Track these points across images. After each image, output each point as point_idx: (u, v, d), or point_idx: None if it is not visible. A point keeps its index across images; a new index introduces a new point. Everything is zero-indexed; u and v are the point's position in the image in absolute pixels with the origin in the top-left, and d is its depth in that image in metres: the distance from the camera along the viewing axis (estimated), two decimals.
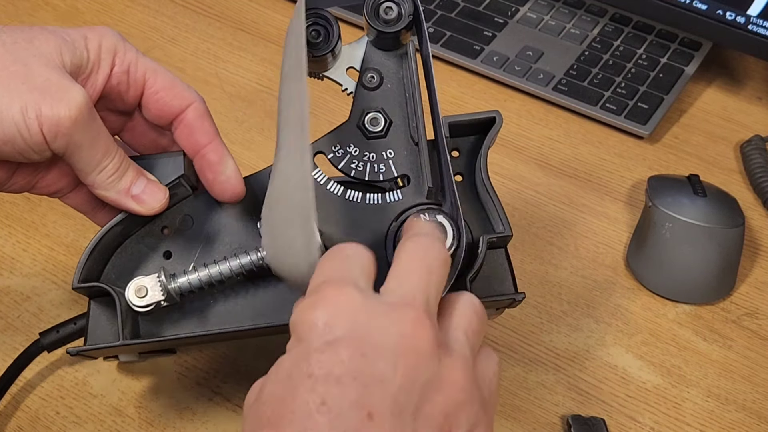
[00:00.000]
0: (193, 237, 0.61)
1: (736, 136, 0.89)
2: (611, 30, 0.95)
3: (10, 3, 0.93)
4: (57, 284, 0.72)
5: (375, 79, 0.61)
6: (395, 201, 0.60)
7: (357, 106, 0.61)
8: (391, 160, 0.61)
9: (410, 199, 0.61)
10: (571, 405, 0.69)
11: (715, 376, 0.71)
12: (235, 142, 0.83)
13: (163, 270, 0.58)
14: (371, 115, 0.61)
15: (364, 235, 0.60)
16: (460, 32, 0.93)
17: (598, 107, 0.88)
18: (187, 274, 0.58)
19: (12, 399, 0.66)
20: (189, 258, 0.61)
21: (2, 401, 0.66)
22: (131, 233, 0.60)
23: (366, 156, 0.61)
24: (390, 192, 0.60)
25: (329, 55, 0.60)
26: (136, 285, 0.58)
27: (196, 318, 0.60)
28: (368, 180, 0.61)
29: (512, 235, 0.60)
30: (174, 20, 0.93)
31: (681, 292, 0.75)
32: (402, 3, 0.59)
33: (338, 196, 0.60)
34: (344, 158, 0.61)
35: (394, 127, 0.61)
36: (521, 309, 0.74)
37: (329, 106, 0.87)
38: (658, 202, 0.75)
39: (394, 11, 0.60)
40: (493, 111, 0.61)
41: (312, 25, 0.59)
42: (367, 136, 0.61)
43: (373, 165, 0.61)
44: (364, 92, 0.61)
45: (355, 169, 0.61)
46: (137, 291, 0.58)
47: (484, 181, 0.61)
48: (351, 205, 0.60)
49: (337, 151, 0.61)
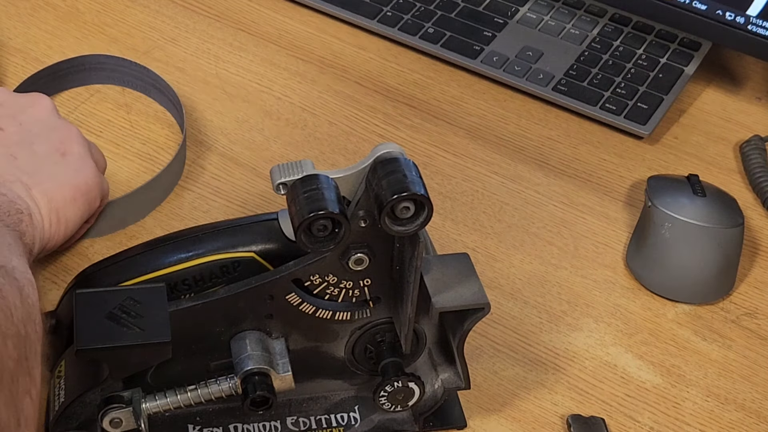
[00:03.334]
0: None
1: (736, 136, 0.89)
2: (611, 30, 0.95)
3: (11, 3, 0.93)
4: (57, 284, 0.72)
5: (366, 222, 0.57)
6: (362, 318, 0.62)
7: (344, 240, 0.57)
8: (367, 287, 0.61)
9: (377, 315, 0.62)
10: (571, 405, 0.69)
11: (715, 376, 0.71)
12: (235, 142, 0.83)
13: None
14: (357, 256, 0.58)
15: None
16: (460, 32, 0.93)
17: (597, 107, 0.88)
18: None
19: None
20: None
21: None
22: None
23: (343, 284, 0.60)
24: (359, 310, 0.62)
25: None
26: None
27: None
28: (340, 302, 0.61)
29: (468, 387, 0.64)
30: (174, 20, 0.94)
31: (680, 291, 0.76)
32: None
33: (309, 315, 0.61)
34: (320, 286, 0.60)
35: (376, 261, 0.59)
36: (521, 309, 0.74)
37: (329, 106, 0.87)
38: (658, 202, 0.76)
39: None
40: (484, 303, 0.60)
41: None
42: (348, 270, 0.59)
43: (348, 291, 0.61)
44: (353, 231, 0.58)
45: (330, 294, 0.60)
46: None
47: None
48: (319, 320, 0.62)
49: (315, 280, 0.60)
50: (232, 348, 0.61)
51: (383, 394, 0.63)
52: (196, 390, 0.61)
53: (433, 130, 0.86)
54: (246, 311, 0.60)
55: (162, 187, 0.78)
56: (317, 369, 0.65)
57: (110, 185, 0.78)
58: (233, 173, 0.81)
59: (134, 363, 0.58)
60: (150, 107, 0.85)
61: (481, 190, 0.82)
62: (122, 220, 0.76)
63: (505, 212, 0.81)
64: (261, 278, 0.59)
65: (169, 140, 0.83)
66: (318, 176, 0.56)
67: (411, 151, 0.84)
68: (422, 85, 0.90)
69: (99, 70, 0.86)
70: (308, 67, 0.91)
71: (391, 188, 0.54)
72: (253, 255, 0.61)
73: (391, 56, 0.93)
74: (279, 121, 0.86)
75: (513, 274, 0.76)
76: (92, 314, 0.58)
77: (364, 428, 0.66)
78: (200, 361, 0.61)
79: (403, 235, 0.56)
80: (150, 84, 0.85)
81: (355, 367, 0.65)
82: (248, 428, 0.65)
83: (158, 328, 0.57)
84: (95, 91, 0.86)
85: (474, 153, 0.85)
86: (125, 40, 0.91)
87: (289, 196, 0.56)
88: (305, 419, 0.65)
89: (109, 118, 0.84)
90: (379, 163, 0.55)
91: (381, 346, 0.63)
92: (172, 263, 0.61)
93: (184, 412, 0.63)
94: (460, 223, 0.79)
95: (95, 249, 0.75)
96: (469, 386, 0.64)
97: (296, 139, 0.84)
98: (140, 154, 0.82)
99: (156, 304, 0.58)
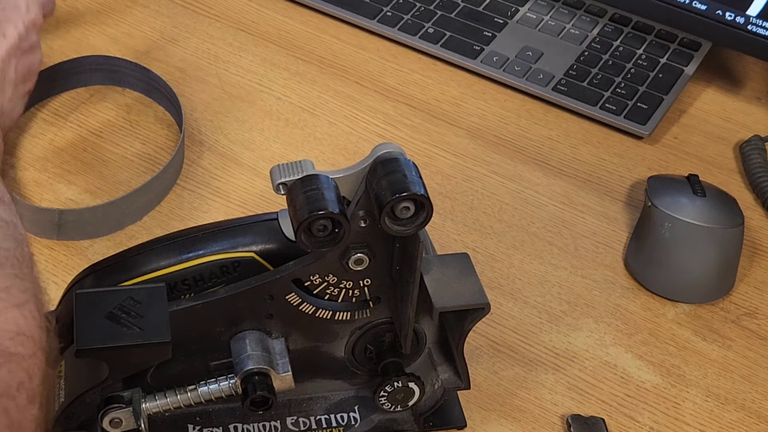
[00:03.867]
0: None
1: (736, 136, 0.89)
2: (611, 30, 0.95)
3: None
4: (57, 284, 0.72)
5: (366, 222, 0.57)
6: (362, 318, 0.62)
7: (344, 240, 0.57)
8: (367, 287, 0.61)
9: (377, 315, 0.62)
10: (571, 405, 0.69)
11: (715, 376, 0.71)
12: (236, 142, 0.83)
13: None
14: (357, 256, 0.58)
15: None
16: (460, 32, 0.93)
17: (597, 107, 0.88)
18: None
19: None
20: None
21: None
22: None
23: (343, 284, 0.60)
24: (359, 310, 0.62)
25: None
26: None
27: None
28: (340, 302, 0.61)
29: (468, 387, 0.64)
30: (174, 20, 0.94)
31: (680, 291, 0.76)
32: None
33: (309, 315, 0.61)
34: (320, 286, 0.60)
35: (376, 261, 0.59)
36: (521, 309, 0.74)
37: (329, 106, 0.87)
38: (658, 202, 0.76)
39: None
40: (484, 302, 0.60)
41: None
42: (348, 270, 0.59)
43: (348, 291, 0.61)
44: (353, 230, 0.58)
45: (330, 294, 0.61)
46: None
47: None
48: (320, 320, 0.62)
49: (315, 280, 0.60)
50: (232, 348, 0.61)
51: (383, 394, 0.63)
52: (196, 390, 0.61)
53: (433, 130, 0.86)
54: (246, 311, 0.60)
55: (161, 187, 0.78)
56: (317, 369, 0.65)
57: (110, 185, 0.79)
58: (233, 173, 0.81)
59: (134, 363, 0.58)
60: (150, 107, 0.85)
61: (481, 190, 0.82)
62: (122, 220, 0.76)
63: (505, 212, 0.81)
64: (261, 278, 0.59)
65: (169, 140, 0.83)
66: (318, 176, 0.56)
67: (411, 151, 0.84)
68: (422, 85, 0.90)
69: (99, 70, 0.86)
70: (308, 67, 0.91)
71: (391, 188, 0.54)
72: (253, 255, 0.61)
73: (391, 56, 0.93)
74: (279, 121, 0.86)
75: (513, 274, 0.76)
76: (92, 314, 0.58)
77: (364, 428, 0.66)
78: (200, 361, 0.61)
79: (403, 235, 0.56)
80: (150, 84, 0.85)
81: (355, 367, 0.65)
82: (248, 428, 0.65)
83: (158, 328, 0.57)
84: (95, 91, 0.86)
85: (474, 153, 0.85)
86: (125, 40, 0.91)
87: (289, 196, 0.56)
88: (305, 419, 0.65)
89: (109, 118, 0.84)
90: (379, 163, 0.55)
91: (381, 346, 0.63)
92: (172, 263, 0.61)
93: (184, 412, 0.63)
94: (460, 223, 0.79)
95: (95, 249, 0.75)
96: (468, 386, 0.64)
97: (296, 139, 0.84)
98: (140, 154, 0.82)
99: (156, 304, 0.58)
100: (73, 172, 0.80)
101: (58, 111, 0.84)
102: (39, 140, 0.82)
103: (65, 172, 0.80)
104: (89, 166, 0.80)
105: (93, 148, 0.82)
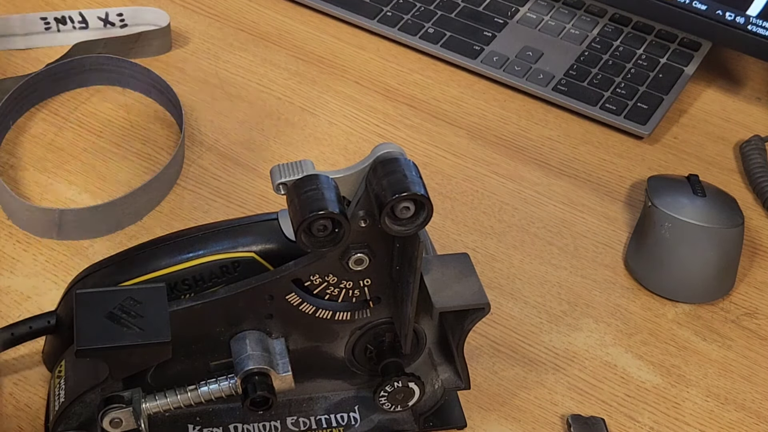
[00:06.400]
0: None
1: (736, 136, 0.89)
2: (611, 30, 0.95)
3: (11, 3, 0.93)
4: (57, 284, 0.72)
5: (366, 222, 0.57)
6: (362, 318, 0.62)
7: (344, 240, 0.57)
8: (367, 287, 0.61)
9: (377, 315, 0.62)
10: (571, 405, 0.69)
11: (715, 376, 0.72)
12: (236, 143, 0.83)
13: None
14: (357, 256, 0.58)
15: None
16: (460, 32, 0.93)
17: (597, 107, 0.88)
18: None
19: (11, 398, 0.67)
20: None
21: (2, 401, 0.66)
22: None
23: (343, 284, 0.60)
24: (359, 310, 0.62)
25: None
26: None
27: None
28: (340, 302, 0.61)
29: (468, 387, 0.64)
30: (174, 20, 0.93)
31: (680, 291, 0.76)
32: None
33: (309, 315, 0.61)
34: (320, 286, 0.60)
35: (376, 261, 0.59)
36: (521, 309, 0.74)
37: (329, 106, 0.87)
38: (658, 202, 0.76)
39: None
40: (484, 302, 0.60)
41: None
42: (348, 270, 0.59)
43: (348, 291, 0.61)
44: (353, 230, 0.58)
45: (330, 294, 0.60)
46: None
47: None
48: (320, 321, 0.62)
49: (315, 280, 0.60)
50: (232, 348, 0.61)
51: (383, 394, 0.63)
52: (196, 390, 0.61)
53: (433, 130, 0.86)
54: (246, 311, 0.60)
55: (161, 187, 0.78)
56: (317, 369, 0.65)
57: (110, 185, 0.79)
58: (233, 173, 0.81)
59: (134, 363, 0.58)
60: (150, 107, 0.85)
61: (481, 190, 0.82)
62: (122, 220, 0.76)
63: (505, 212, 0.81)
64: (261, 278, 0.59)
65: (169, 140, 0.83)
66: (318, 176, 0.56)
67: (411, 151, 0.84)
68: (422, 85, 0.90)
69: (99, 70, 0.86)
70: (308, 67, 0.91)
71: (391, 188, 0.54)
72: (253, 255, 0.61)
73: (391, 56, 0.93)
74: (279, 121, 0.86)
75: (513, 274, 0.76)
76: (92, 314, 0.58)
77: (364, 428, 0.66)
78: (200, 361, 0.62)
79: (403, 235, 0.56)
80: (150, 84, 0.85)
81: (355, 367, 0.65)
82: (248, 428, 0.65)
83: (158, 328, 0.57)
84: (95, 91, 0.86)
85: (474, 153, 0.85)
86: None
87: (289, 196, 0.56)
88: (305, 419, 0.65)
89: (109, 118, 0.84)
90: (379, 163, 0.56)
91: (381, 346, 0.63)
92: (172, 263, 0.61)
93: (184, 412, 0.63)
94: (460, 223, 0.79)
95: (95, 249, 0.75)
96: (469, 386, 0.64)
97: (296, 139, 0.84)
98: (140, 154, 0.82)
99: (156, 304, 0.58)
100: (73, 172, 0.80)
101: (58, 111, 0.84)
102: (39, 140, 0.82)
103: (65, 172, 0.80)
104: (89, 166, 0.80)
105: (93, 148, 0.82)
